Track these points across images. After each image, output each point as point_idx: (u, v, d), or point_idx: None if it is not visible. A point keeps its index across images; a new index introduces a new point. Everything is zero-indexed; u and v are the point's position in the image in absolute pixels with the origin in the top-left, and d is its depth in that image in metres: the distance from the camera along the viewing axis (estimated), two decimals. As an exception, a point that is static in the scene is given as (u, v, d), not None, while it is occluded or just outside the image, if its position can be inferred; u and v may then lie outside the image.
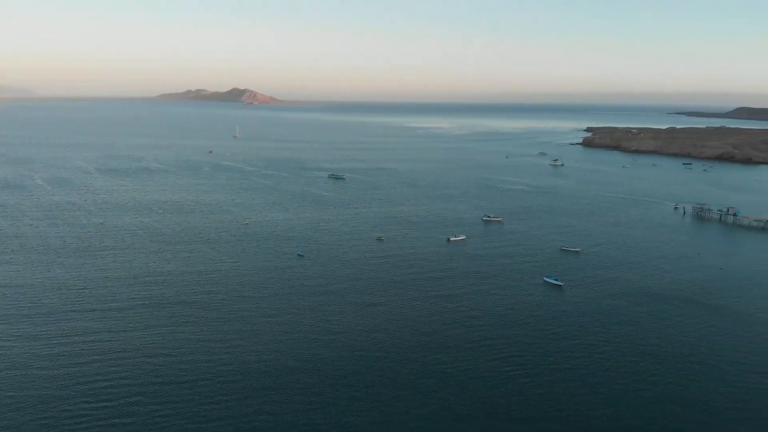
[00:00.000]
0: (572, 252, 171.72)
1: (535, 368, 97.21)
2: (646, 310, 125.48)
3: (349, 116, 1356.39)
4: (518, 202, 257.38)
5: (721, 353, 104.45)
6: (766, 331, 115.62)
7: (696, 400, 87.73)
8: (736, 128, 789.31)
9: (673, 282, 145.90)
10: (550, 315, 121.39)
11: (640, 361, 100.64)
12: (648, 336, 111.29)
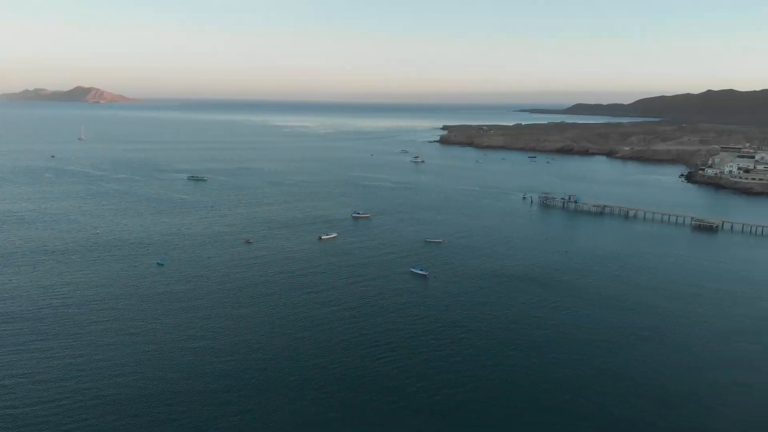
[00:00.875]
0: (435, 243, 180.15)
1: (406, 351, 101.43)
2: (502, 291, 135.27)
3: (210, 114, 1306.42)
4: (384, 198, 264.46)
5: (567, 327, 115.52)
6: (603, 304, 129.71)
7: (549, 373, 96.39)
8: (573, 123, 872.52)
9: (525, 265, 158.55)
10: (417, 302, 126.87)
11: (499, 338, 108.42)
12: (504, 314, 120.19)
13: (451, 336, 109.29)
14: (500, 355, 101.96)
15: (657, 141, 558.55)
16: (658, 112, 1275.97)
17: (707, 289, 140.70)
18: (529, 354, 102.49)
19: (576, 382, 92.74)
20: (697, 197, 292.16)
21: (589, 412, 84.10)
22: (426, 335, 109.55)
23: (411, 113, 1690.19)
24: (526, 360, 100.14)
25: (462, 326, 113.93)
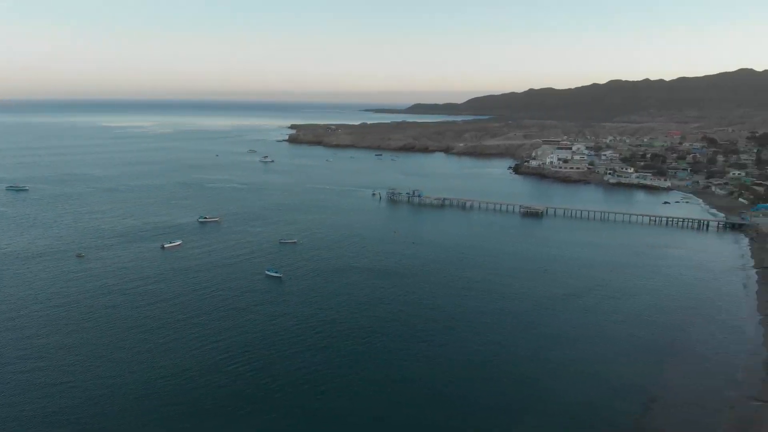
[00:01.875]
0: (290, 243, 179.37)
1: (262, 355, 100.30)
2: (357, 285, 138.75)
3: (25, 116, 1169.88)
4: (234, 200, 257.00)
5: (415, 314, 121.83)
6: (448, 289, 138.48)
7: (402, 364, 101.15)
8: (413, 122, 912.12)
9: (377, 258, 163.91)
10: (272, 304, 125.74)
11: (354, 332, 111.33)
12: (358, 307, 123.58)
13: (308, 334, 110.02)
14: (355, 348, 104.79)
15: (487, 137, 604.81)
16: (488, 110, 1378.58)
17: (534, 269, 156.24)
18: (381, 345, 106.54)
19: (430, 372, 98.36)
20: (524, 187, 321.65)
21: (445, 396, 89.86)
22: (282, 335, 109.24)
23: (257, 112, 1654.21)
24: (377, 351, 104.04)
25: (319, 323, 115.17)
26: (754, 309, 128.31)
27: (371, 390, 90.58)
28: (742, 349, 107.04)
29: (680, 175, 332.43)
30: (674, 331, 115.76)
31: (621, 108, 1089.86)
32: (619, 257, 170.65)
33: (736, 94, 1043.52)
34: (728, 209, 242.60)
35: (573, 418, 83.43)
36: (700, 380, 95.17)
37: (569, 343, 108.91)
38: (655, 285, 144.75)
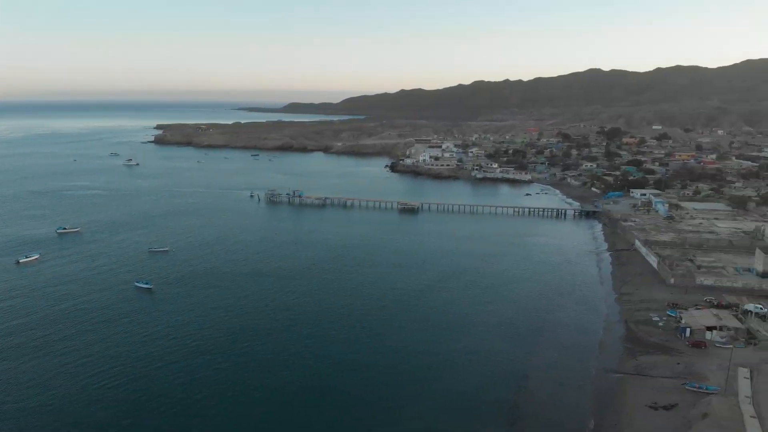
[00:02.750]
0: (161, 252, 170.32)
1: (132, 369, 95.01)
2: (235, 292, 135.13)
3: None
4: (96, 208, 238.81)
5: (297, 316, 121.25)
6: (328, 290, 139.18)
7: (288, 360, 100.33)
8: (290, 121, 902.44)
9: (257, 262, 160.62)
10: (142, 318, 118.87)
11: (232, 342, 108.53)
12: (237, 315, 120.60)
13: (181, 345, 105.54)
14: (233, 356, 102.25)
15: (364, 136, 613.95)
16: (363, 110, 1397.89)
17: (413, 262, 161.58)
18: (262, 350, 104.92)
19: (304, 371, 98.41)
20: (400, 184, 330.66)
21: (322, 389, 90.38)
22: (153, 348, 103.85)
23: (118, 112, 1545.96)
24: (258, 357, 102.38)
25: (193, 333, 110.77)
26: (610, 288, 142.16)
27: (253, 396, 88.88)
28: (602, 326, 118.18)
29: (539, 169, 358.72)
30: (541, 312, 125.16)
31: (485, 107, 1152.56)
32: (490, 247, 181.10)
33: (586, 93, 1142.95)
34: (583, 198, 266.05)
35: (452, 405, 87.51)
36: (566, 357, 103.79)
37: (447, 332, 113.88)
38: (522, 271, 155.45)
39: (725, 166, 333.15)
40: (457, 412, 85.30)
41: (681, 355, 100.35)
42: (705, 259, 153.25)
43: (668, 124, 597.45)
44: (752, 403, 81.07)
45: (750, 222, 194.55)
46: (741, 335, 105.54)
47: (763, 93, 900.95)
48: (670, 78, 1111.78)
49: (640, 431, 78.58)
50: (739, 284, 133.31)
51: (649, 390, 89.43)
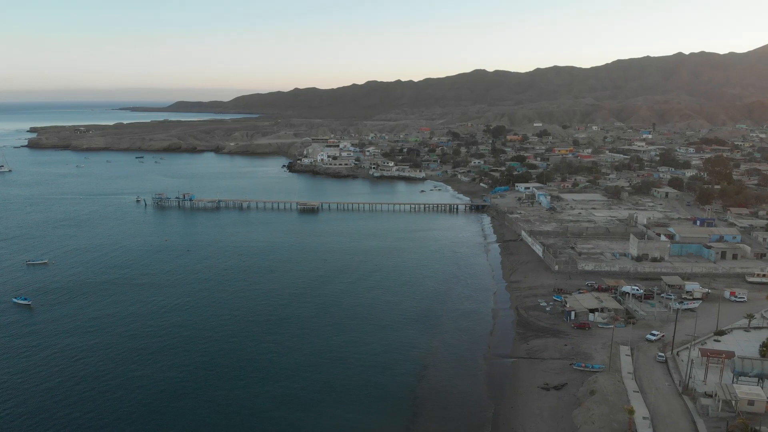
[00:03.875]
0: (40, 265, 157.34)
1: (11, 394, 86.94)
2: (122, 304, 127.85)
3: None
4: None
5: (190, 325, 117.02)
6: (224, 296, 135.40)
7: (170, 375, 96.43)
8: (177, 121, 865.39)
9: (146, 271, 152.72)
10: (20, 337, 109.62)
11: (117, 354, 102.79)
12: (125, 328, 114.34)
13: (65, 364, 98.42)
14: (122, 372, 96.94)
15: (258, 136, 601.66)
16: (256, 109, 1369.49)
17: (314, 261, 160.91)
18: (155, 363, 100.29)
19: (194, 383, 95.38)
20: (299, 184, 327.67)
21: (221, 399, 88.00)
22: (35, 369, 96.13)
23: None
24: (148, 370, 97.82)
25: (78, 351, 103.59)
26: (500, 277, 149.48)
27: (146, 412, 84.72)
28: (494, 314, 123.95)
29: (432, 166, 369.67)
30: (437, 303, 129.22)
31: (379, 107, 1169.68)
32: (389, 242, 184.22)
33: (472, 92, 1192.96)
34: (472, 193, 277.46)
35: (358, 400, 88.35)
36: (463, 345, 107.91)
37: (351, 327, 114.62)
38: (419, 265, 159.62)
39: (600, 159, 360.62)
40: (363, 407, 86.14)
41: (568, 337, 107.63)
42: (585, 246, 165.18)
43: (548, 121, 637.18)
44: (634, 378, 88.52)
45: (624, 210, 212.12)
46: (620, 315, 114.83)
47: (632, 90, 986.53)
48: (548, 78, 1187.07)
49: (534, 412, 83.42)
50: (616, 268, 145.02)
51: (541, 372, 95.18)
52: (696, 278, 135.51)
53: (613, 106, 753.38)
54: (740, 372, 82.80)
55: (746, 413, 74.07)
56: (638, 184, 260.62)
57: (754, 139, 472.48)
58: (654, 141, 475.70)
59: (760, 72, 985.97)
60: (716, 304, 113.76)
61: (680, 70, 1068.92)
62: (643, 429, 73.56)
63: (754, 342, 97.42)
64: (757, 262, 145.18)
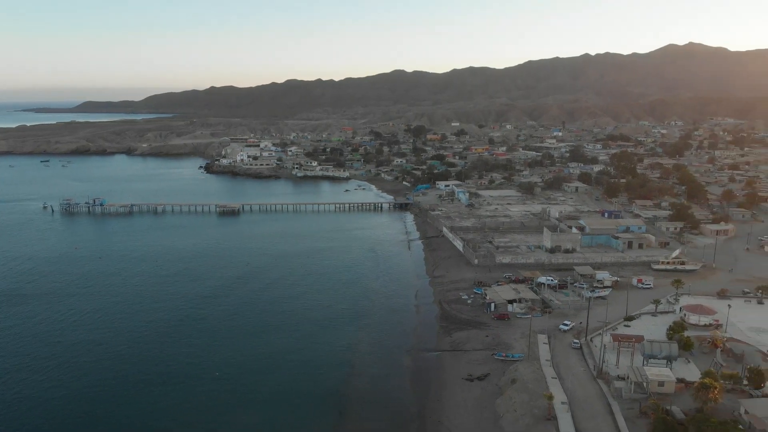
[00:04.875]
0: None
1: None
2: (27, 318, 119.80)
3: None
4: None
5: (98, 338, 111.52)
6: (133, 307, 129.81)
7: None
8: (86, 122, 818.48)
9: (51, 282, 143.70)
10: None
11: (19, 372, 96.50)
12: (27, 344, 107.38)
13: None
14: (30, 389, 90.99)
15: (173, 136, 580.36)
16: (169, 108, 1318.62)
17: (236, 264, 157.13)
18: (58, 378, 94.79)
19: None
20: (217, 185, 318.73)
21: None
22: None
23: None
24: (53, 386, 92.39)
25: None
26: (424, 272, 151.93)
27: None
28: (418, 309, 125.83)
29: (356, 166, 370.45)
30: (363, 301, 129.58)
31: (299, 106, 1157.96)
32: (314, 243, 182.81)
33: (393, 92, 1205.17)
34: (396, 192, 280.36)
35: (285, 404, 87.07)
36: (388, 341, 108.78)
37: (275, 331, 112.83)
38: (344, 263, 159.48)
39: (514, 156, 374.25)
40: (288, 410, 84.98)
41: (489, 328, 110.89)
42: (502, 240, 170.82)
43: (465, 120, 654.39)
44: (552, 365, 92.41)
45: (537, 205, 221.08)
46: (537, 305, 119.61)
47: (543, 90, 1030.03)
48: (464, 78, 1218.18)
49: (459, 403, 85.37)
50: (532, 260, 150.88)
51: (465, 363, 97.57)
52: (606, 267, 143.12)
53: (525, 105, 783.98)
54: (650, 355, 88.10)
55: (657, 394, 78.96)
56: (550, 179, 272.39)
57: (656, 135, 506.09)
58: (564, 138, 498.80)
59: (661, 72, 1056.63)
60: (625, 292, 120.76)
61: (587, 70, 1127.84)
62: (562, 413, 76.92)
63: (661, 326, 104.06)
64: (661, 251, 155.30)
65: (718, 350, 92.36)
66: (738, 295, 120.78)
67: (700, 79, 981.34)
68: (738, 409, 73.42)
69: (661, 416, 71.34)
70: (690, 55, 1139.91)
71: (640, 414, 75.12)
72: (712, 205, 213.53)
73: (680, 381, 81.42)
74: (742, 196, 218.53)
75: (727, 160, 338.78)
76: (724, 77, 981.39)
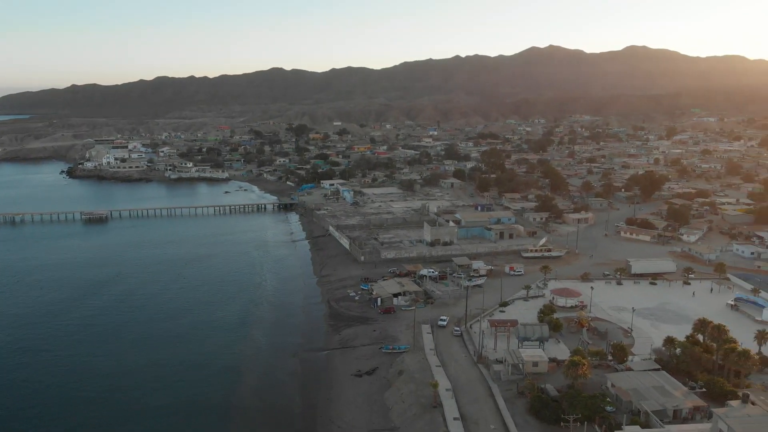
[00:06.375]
0: None
1: None
2: None
3: None
4: None
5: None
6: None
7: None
8: None
9: None
10: None
11: None
12: None
13: None
14: None
15: (31, 139, 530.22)
16: (26, 109, 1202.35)
17: (106, 275, 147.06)
18: None
19: None
20: (82, 191, 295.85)
21: None
22: None
23: None
24: None
25: None
26: (311, 272, 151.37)
27: None
28: (306, 309, 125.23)
29: (236, 166, 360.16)
30: (249, 305, 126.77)
31: (172, 104, 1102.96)
32: (193, 249, 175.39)
33: (272, 90, 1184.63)
34: (279, 192, 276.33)
35: (167, 417, 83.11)
36: (276, 344, 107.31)
37: (154, 343, 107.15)
38: (227, 268, 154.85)
39: (394, 155, 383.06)
40: (173, 424, 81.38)
41: (376, 323, 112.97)
42: (386, 236, 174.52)
43: (346, 120, 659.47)
44: (436, 353, 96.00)
45: (417, 201, 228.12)
46: (420, 297, 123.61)
47: (418, 91, 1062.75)
48: (343, 78, 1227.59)
49: (350, 400, 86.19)
50: (414, 254, 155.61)
51: (354, 360, 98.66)
52: (481, 257, 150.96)
53: (402, 105, 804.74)
54: (524, 337, 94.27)
55: (532, 374, 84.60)
56: (428, 176, 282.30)
57: (521, 133, 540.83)
58: (439, 137, 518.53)
59: (525, 73, 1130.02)
60: (499, 279, 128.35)
61: (458, 71, 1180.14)
62: (447, 399, 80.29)
63: (533, 310, 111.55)
64: (529, 240, 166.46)
65: (584, 329, 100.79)
66: (599, 278, 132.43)
67: (560, 80, 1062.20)
68: (605, 383, 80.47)
69: (536, 395, 76.78)
70: (551, 57, 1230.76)
71: (518, 394, 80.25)
72: (573, 195, 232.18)
73: (552, 360, 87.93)
74: (600, 186, 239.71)
75: (586, 154, 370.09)
76: (581, 77, 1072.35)
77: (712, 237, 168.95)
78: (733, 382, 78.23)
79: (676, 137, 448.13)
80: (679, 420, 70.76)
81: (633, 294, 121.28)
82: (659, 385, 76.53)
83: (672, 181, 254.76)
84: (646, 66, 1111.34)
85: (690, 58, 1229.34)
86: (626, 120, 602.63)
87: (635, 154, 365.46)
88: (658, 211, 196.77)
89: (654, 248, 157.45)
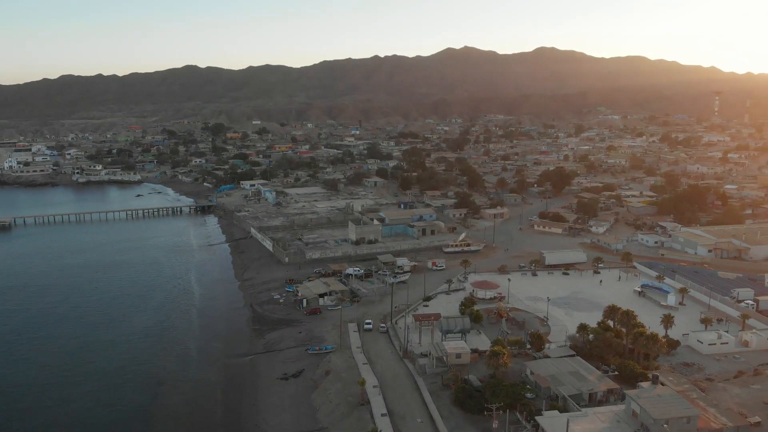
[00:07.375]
0: None
1: None
2: None
3: None
4: None
5: None
6: None
7: None
8: None
9: None
10: None
11: None
12: None
13: None
14: None
15: None
16: None
17: (12, 287, 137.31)
18: None
19: None
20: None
21: None
22: None
23: None
24: None
25: None
26: (232, 276, 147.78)
27: None
28: (228, 315, 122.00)
29: (148, 168, 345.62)
30: (167, 314, 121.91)
31: (78, 104, 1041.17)
32: (104, 255, 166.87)
33: (185, 89, 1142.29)
34: (196, 194, 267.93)
35: (85, 429, 79.09)
36: (198, 352, 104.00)
37: (66, 358, 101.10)
38: (141, 275, 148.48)
39: (317, 154, 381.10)
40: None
41: (302, 324, 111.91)
42: (311, 236, 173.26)
43: (265, 118, 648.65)
44: (362, 351, 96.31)
45: (341, 200, 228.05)
46: (346, 296, 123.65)
47: (339, 90, 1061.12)
48: (262, 76, 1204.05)
49: (276, 404, 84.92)
50: (339, 253, 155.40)
51: (279, 363, 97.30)
52: (404, 254, 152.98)
53: (324, 104, 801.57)
54: (447, 330, 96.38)
55: (456, 366, 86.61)
56: (351, 175, 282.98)
57: (440, 132, 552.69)
58: (361, 136, 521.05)
59: (442, 73, 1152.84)
60: (422, 275, 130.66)
61: (378, 71, 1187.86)
62: (374, 396, 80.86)
63: (455, 302, 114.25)
64: (450, 235, 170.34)
65: (504, 320, 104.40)
66: (516, 270, 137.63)
67: (474, 80, 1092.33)
68: (525, 371, 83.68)
69: (460, 386, 78.77)
70: (466, 58, 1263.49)
71: (443, 386, 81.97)
72: (489, 192, 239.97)
73: (474, 351, 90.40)
74: (514, 183, 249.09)
75: (500, 152, 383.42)
76: (495, 78, 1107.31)
77: (619, 228, 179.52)
78: (643, 365, 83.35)
79: (584, 134, 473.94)
80: (594, 403, 74.67)
81: (547, 284, 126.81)
82: (575, 370, 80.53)
83: (581, 176, 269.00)
84: (555, 67, 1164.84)
85: (596, 59, 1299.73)
86: (537, 119, 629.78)
87: (546, 151, 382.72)
88: (569, 204, 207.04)
89: (565, 240, 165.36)
